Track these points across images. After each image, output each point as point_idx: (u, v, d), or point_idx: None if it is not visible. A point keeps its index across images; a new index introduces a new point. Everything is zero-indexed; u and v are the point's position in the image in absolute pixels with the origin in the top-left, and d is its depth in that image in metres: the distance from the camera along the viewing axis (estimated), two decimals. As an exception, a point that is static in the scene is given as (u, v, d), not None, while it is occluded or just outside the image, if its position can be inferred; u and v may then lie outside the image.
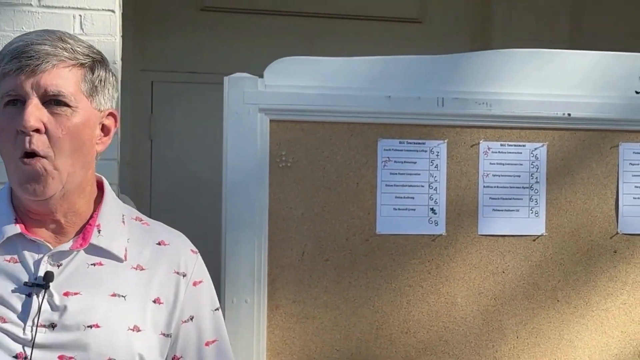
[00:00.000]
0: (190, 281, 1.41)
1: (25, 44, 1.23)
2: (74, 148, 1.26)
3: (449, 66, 2.22)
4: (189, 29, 3.94)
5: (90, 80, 1.29)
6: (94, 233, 1.32)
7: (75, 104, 1.25)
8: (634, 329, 2.25)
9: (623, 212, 2.26)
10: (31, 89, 1.21)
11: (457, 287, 2.19)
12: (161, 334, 1.35)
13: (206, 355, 1.44)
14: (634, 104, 2.26)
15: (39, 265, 1.27)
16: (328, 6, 4.11)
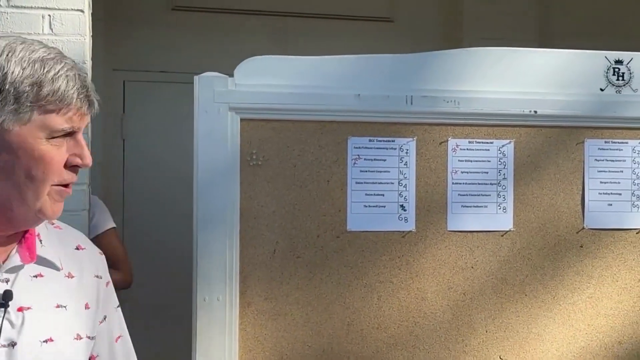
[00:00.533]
0: (103, 283, 1.45)
1: (84, 82, 1.27)
2: None
3: (418, 65, 2.24)
4: (161, 28, 3.91)
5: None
6: (37, 244, 1.33)
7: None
8: (600, 322, 2.28)
9: (589, 207, 2.30)
10: (82, 127, 1.28)
11: (427, 282, 2.21)
12: (87, 337, 1.38)
13: (116, 350, 1.48)
14: (599, 101, 2.29)
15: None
16: (300, 5, 4.09)
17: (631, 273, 2.33)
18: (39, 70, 1.21)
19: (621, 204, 2.34)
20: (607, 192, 2.34)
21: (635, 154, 2.34)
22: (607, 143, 2.32)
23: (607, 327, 2.32)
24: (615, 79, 2.31)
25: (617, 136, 2.31)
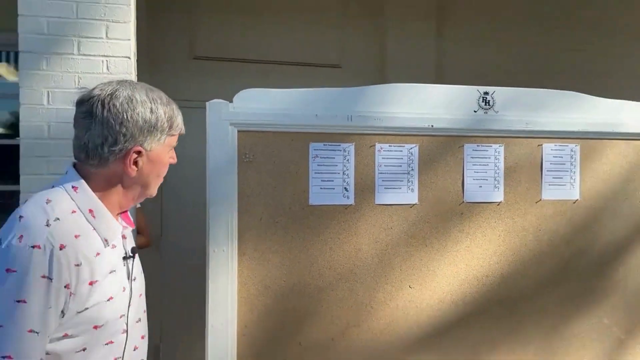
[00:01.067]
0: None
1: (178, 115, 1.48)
2: None
3: (356, 95, 2.34)
4: (182, 71, 3.97)
5: None
6: (128, 213, 1.51)
7: None
8: (474, 262, 2.46)
9: (467, 188, 2.44)
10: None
11: (362, 238, 2.33)
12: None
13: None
14: (473, 119, 2.44)
15: (125, 244, 1.45)
16: (278, 55, 4.21)
17: (494, 231, 2.49)
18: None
19: (487, 186, 2.47)
20: (478, 178, 2.46)
21: (497, 153, 2.48)
22: (478, 146, 2.46)
23: (478, 265, 2.46)
24: (484, 105, 2.46)
25: (484, 142, 2.46)
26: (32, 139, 2.11)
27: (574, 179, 2.54)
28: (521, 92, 2.48)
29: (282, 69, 4.09)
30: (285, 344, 2.22)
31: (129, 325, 1.38)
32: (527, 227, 2.48)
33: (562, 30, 4.42)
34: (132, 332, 1.40)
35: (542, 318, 2.50)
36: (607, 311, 2.57)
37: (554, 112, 2.50)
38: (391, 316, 2.33)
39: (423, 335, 2.36)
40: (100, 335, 1.30)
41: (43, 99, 2.10)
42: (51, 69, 2.13)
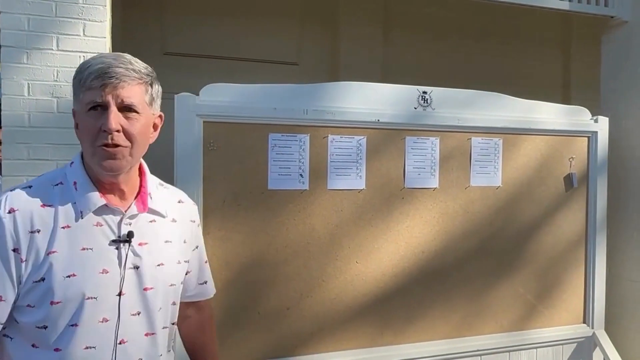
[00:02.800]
0: (196, 225, 1.42)
1: (107, 65, 1.14)
2: (141, 141, 1.20)
3: (312, 91, 2.34)
4: (153, 66, 3.88)
5: (150, 93, 1.22)
6: (148, 199, 1.27)
7: (141, 111, 1.18)
8: (412, 240, 2.50)
9: (407, 175, 2.48)
10: (112, 99, 1.13)
11: (315, 219, 2.34)
12: (184, 262, 1.35)
13: (204, 269, 1.47)
14: (413, 115, 2.47)
15: (120, 226, 1.20)
16: (242, 52, 4.11)
17: (430, 213, 2.54)
18: (86, 64, 1.16)
19: (425, 173, 2.52)
20: (417, 167, 2.50)
21: (433, 145, 2.53)
22: (417, 139, 2.49)
23: (416, 243, 2.51)
24: (422, 102, 2.50)
25: (423, 135, 2.50)
26: (13, 126, 2.04)
27: (497, 168, 2.61)
28: (454, 92, 2.53)
29: (246, 65, 4.02)
30: (245, 313, 2.21)
31: (119, 314, 1.17)
32: (458, 210, 2.54)
33: (490, 39, 4.55)
34: (124, 323, 1.18)
35: (468, 287, 2.57)
36: (521, 281, 2.67)
37: (481, 110, 2.56)
38: (340, 288, 2.35)
39: (367, 303, 2.39)
40: (60, 313, 1.12)
41: (24, 90, 2.03)
42: (31, 63, 2.06)
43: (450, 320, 2.56)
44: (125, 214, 1.21)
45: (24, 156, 2.04)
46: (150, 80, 1.22)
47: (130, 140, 1.16)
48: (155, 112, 1.26)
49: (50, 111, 2.07)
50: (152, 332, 1.24)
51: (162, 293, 1.26)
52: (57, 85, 2.08)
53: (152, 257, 1.24)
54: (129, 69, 1.16)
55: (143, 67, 1.21)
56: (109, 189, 1.21)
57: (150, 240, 1.25)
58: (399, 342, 2.46)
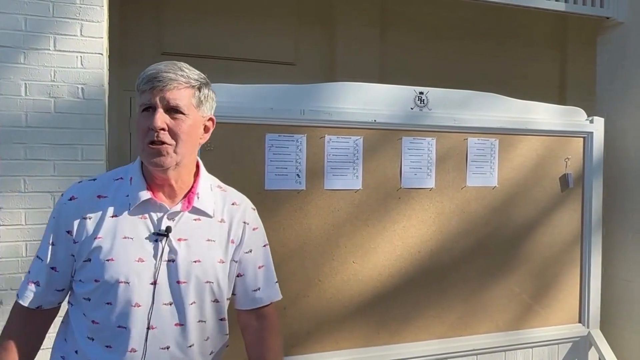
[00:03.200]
0: (250, 227, 1.42)
1: (157, 71, 1.25)
2: (186, 140, 1.27)
3: (309, 91, 2.34)
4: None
5: (197, 97, 1.29)
6: (194, 199, 1.33)
7: (188, 112, 1.26)
8: (409, 240, 2.50)
9: (404, 176, 2.48)
10: (159, 102, 1.23)
11: (312, 219, 2.33)
12: (232, 261, 1.38)
13: (257, 274, 1.44)
14: (410, 115, 2.48)
15: (161, 221, 1.28)
16: (240, 52, 4.10)
17: (426, 213, 2.54)
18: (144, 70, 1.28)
19: (421, 173, 2.52)
20: (413, 167, 2.50)
21: (429, 145, 2.52)
22: (413, 139, 2.49)
23: (412, 243, 2.51)
24: (419, 103, 2.50)
25: (419, 135, 2.51)
26: (10, 126, 2.04)
27: (493, 168, 2.61)
28: (450, 92, 2.54)
29: (243, 65, 4.01)
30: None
31: (153, 302, 1.25)
32: (454, 210, 2.54)
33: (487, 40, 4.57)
34: (156, 311, 1.25)
35: (464, 286, 2.57)
36: (517, 280, 2.68)
37: (478, 110, 2.57)
38: (336, 288, 2.35)
39: (364, 303, 2.40)
40: (99, 291, 1.25)
41: (21, 90, 2.03)
42: (28, 63, 2.05)
43: (447, 320, 2.56)
44: (169, 210, 1.29)
45: (21, 156, 2.04)
46: (199, 85, 1.30)
47: (174, 139, 1.24)
48: (204, 114, 1.33)
49: (47, 111, 2.07)
50: (182, 323, 1.29)
51: (196, 288, 1.30)
52: (54, 85, 2.07)
53: (189, 253, 1.29)
54: (178, 74, 1.25)
55: (192, 73, 1.30)
56: (160, 185, 1.30)
57: (191, 237, 1.30)
58: (395, 341, 2.46)
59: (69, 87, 2.09)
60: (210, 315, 1.36)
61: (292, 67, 4.18)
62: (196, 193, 1.33)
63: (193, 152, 1.33)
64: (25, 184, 2.03)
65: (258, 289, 1.44)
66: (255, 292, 1.44)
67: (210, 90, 1.35)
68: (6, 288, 2.12)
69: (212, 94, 1.36)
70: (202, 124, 1.34)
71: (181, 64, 1.31)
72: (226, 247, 1.36)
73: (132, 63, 3.73)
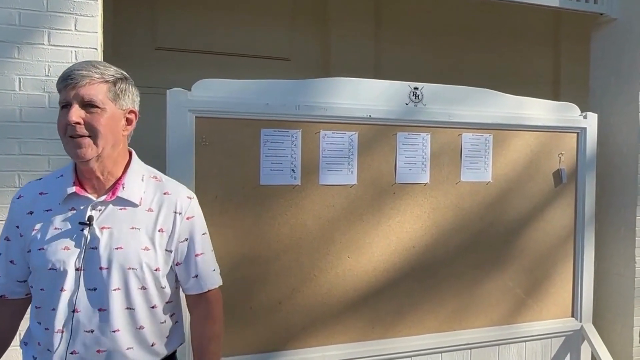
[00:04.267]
0: (184, 217, 1.45)
1: (71, 70, 1.32)
2: (105, 132, 1.33)
3: (303, 86, 2.34)
4: (145, 61, 3.89)
5: (113, 91, 1.35)
6: (120, 189, 1.38)
7: (103, 106, 1.32)
8: (403, 235, 2.52)
9: (398, 171, 2.49)
10: (73, 98, 1.30)
11: (307, 215, 2.34)
12: (165, 250, 1.42)
13: (196, 262, 1.48)
14: (405, 111, 2.48)
15: (86, 212, 1.35)
16: (234, 48, 4.08)
17: (421, 208, 2.56)
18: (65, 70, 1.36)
19: (416, 169, 2.53)
20: (408, 162, 2.51)
21: (424, 141, 2.53)
22: (408, 135, 2.50)
23: (406, 238, 2.52)
24: (414, 98, 2.51)
25: (414, 131, 2.52)
26: (4, 121, 2.03)
27: (487, 164, 2.62)
28: (445, 88, 2.54)
29: (238, 60, 3.98)
30: (237, 308, 2.21)
31: (78, 286, 1.32)
32: (448, 205, 2.55)
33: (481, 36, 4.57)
34: (81, 296, 1.32)
35: (458, 281, 2.59)
36: (511, 275, 2.69)
37: (472, 106, 2.57)
38: (331, 282, 2.36)
39: (359, 298, 2.41)
40: (35, 278, 1.36)
41: (15, 85, 2.01)
42: (22, 58, 2.04)
43: (441, 314, 2.58)
44: (94, 201, 1.36)
45: (15, 151, 2.02)
46: (114, 80, 1.36)
47: (92, 132, 1.31)
48: (124, 107, 1.38)
49: (41, 106, 2.06)
50: (105, 308, 1.35)
51: (119, 274, 1.36)
52: (49, 80, 2.06)
53: (111, 240, 1.36)
54: (92, 71, 1.32)
55: (107, 69, 1.36)
56: (88, 178, 1.37)
57: (114, 225, 1.36)
58: (390, 335, 2.48)
59: (64, 81, 2.08)
60: (139, 303, 1.39)
61: (287, 62, 4.15)
62: (122, 184, 1.39)
63: (116, 143, 1.38)
64: (20, 179, 2.02)
65: (196, 276, 1.48)
66: (194, 279, 1.48)
67: (130, 85, 1.41)
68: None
69: (131, 88, 1.41)
70: (122, 117, 1.39)
71: (96, 61, 1.39)
72: (153, 235, 1.40)
73: (126, 58, 3.71)
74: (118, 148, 1.39)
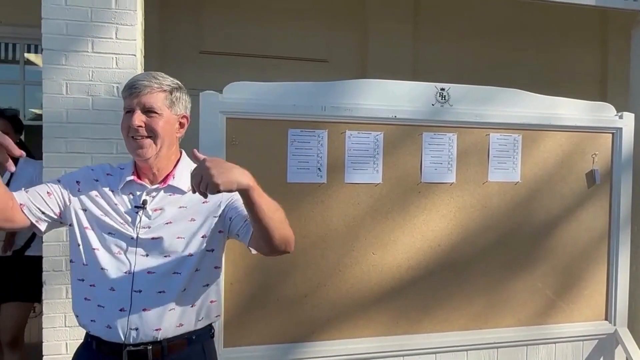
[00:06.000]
0: (226, 199, 1.62)
1: (134, 80, 1.51)
2: (163, 134, 1.52)
3: (330, 88, 2.39)
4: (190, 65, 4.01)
5: (170, 99, 1.54)
6: (171, 179, 1.59)
7: (161, 112, 1.52)
8: (428, 234, 2.53)
9: (424, 170, 2.51)
10: (136, 105, 1.50)
11: (333, 212, 2.40)
12: (213, 217, 1.59)
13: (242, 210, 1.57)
14: (431, 111, 2.50)
15: (141, 197, 1.55)
16: (274, 50, 4.19)
17: (447, 206, 2.56)
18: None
19: (442, 168, 2.54)
20: (434, 162, 2.52)
21: (450, 141, 2.53)
22: (434, 135, 2.51)
23: (432, 236, 2.54)
24: (440, 99, 2.51)
25: (440, 131, 2.52)
26: (53, 122, 2.21)
27: (515, 164, 2.60)
28: (472, 88, 2.53)
29: (277, 62, 4.10)
30: (265, 300, 2.29)
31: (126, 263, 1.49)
32: (475, 204, 2.54)
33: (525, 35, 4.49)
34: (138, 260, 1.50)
35: (485, 280, 2.58)
36: (540, 276, 2.66)
37: (500, 106, 2.55)
38: (356, 277, 2.40)
39: (383, 293, 2.44)
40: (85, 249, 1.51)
41: (62, 89, 2.19)
42: (69, 64, 2.21)
43: (467, 312, 2.57)
44: (149, 189, 1.56)
45: (62, 150, 2.21)
46: (171, 89, 1.55)
47: (152, 133, 1.50)
48: (178, 113, 1.57)
49: (85, 108, 2.23)
50: (154, 272, 1.52)
51: (169, 243, 1.54)
52: (92, 84, 2.23)
53: (163, 218, 1.55)
54: (152, 81, 1.51)
55: (165, 80, 1.55)
56: (144, 173, 1.58)
57: (165, 207, 1.57)
58: (414, 331, 2.50)
59: (105, 86, 2.24)
60: (185, 268, 1.55)
61: (325, 63, 4.25)
62: (173, 175, 1.59)
63: (170, 144, 1.57)
64: (66, 175, 2.20)
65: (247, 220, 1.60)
66: (247, 222, 1.59)
67: (183, 93, 1.59)
68: (49, 269, 2.32)
69: (184, 96, 1.60)
70: (176, 121, 1.58)
71: (156, 73, 1.56)
72: (196, 210, 1.58)
73: (172, 62, 3.90)
74: (172, 148, 1.58)
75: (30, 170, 2.70)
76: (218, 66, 3.97)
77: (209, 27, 4.04)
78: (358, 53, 4.30)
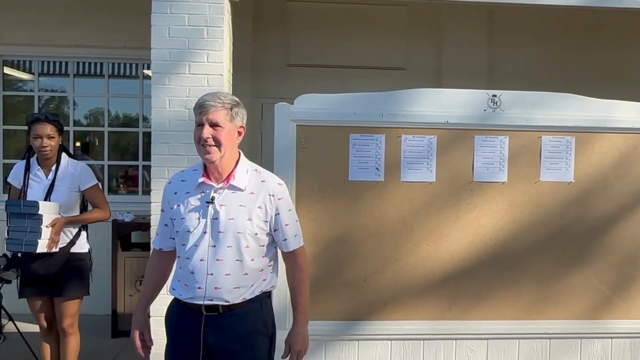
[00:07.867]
0: (276, 198, 1.89)
1: (203, 101, 1.80)
2: (225, 143, 1.79)
3: (386, 97, 2.63)
4: (279, 77, 4.32)
5: (230, 114, 1.81)
6: (232, 179, 1.85)
7: (224, 125, 1.79)
8: (481, 229, 2.69)
9: (475, 170, 2.67)
10: (205, 121, 1.79)
11: (390, 207, 2.63)
12: (263, 221, 1.86)
13: (285, 229, 1.91)
14: (483, 116, 2.66)
15: (210, 194, 1.82)
16: (353, 61, 4.41)
17: (498, 204, 2.70)
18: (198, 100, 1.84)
19: (493, 168, 2.68)
20: (485, 162, 2.67)
21: (502, 143, 2.68)
22: (486, 138, 2.66)
23: (484, 231, 2.69)
24: (492, 104, 2.67)
25: (491, 134, 2.67)
26: (159, 130, 2.73)
27: (569, 164, 2.67)
28: (524, 94, 2.66)
29: (358, 72, 4.38)
30: (328, 281, 2.57)
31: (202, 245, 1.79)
32: (526, 203, 2.65)
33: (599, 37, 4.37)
34: (208, 249, 1.79)
35: (536, 274, 2.68)
36: (595, 272, 2.71)
37: (552, 110, 2.65)
38: (411, 265, 2.61)
39: (436, 280, 2.63)
40: (179, 238, 1.84)
41: (166, 104, 2.71)
42: (171, 84, 2.70)
43: (519, 303, 2.68)
44: (215, 187, 1.83)
45: (165, 152, 2.73)
46: (231, 106, 1.82)
47: (217, 142, 1.79)
48: (237, 125, 1.84)
49: (183, 119, 2.72)
50: (221, 259, 1.81)
51: (231, 236, 1.81)
52: (189, 99, 2.68)
53: (227, 213, 1.82)
54: (216, 101, 1.79)
55: (227, 98, 1.82)
56: (212, 172, 1.85)
57: (229, 203, 1.83)
58: (466, 317, 2.66)
59: (199, 100, 2.72)
60: (245, 256, 1.83)
61: (402, 71, 4.47)
62: (233, 175, 1.86)
63: (232, 149, 1.84)
64: (168, 172, 2.70)
65: (285, 239, 1.93)
66: (284, 242, 1.92)
67: (241, 108, 1.85)
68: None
69: (242, 110, 1.85)
70: (235, 131, 1.84)
71: (220, 92, 1.85)
72: (254, 210, 1.85)
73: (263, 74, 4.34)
74: (232, 152, 1.86)
75: (71, 170, 2.77)
76: (303, 77, 4.33)
77: (295, 42, 4.44)
78: (434, 61, 4.47)
